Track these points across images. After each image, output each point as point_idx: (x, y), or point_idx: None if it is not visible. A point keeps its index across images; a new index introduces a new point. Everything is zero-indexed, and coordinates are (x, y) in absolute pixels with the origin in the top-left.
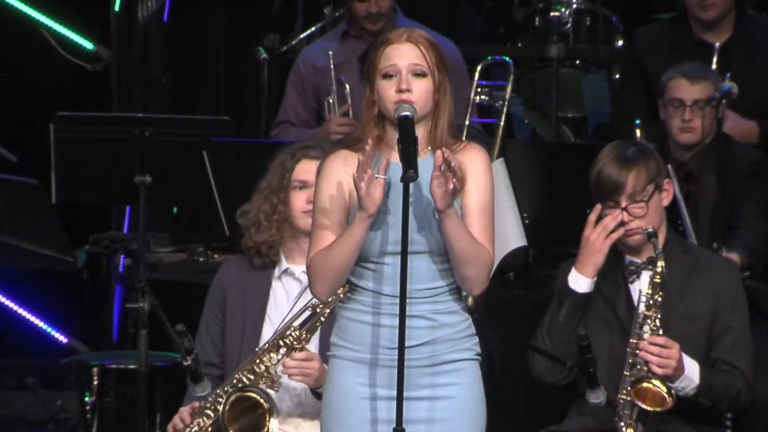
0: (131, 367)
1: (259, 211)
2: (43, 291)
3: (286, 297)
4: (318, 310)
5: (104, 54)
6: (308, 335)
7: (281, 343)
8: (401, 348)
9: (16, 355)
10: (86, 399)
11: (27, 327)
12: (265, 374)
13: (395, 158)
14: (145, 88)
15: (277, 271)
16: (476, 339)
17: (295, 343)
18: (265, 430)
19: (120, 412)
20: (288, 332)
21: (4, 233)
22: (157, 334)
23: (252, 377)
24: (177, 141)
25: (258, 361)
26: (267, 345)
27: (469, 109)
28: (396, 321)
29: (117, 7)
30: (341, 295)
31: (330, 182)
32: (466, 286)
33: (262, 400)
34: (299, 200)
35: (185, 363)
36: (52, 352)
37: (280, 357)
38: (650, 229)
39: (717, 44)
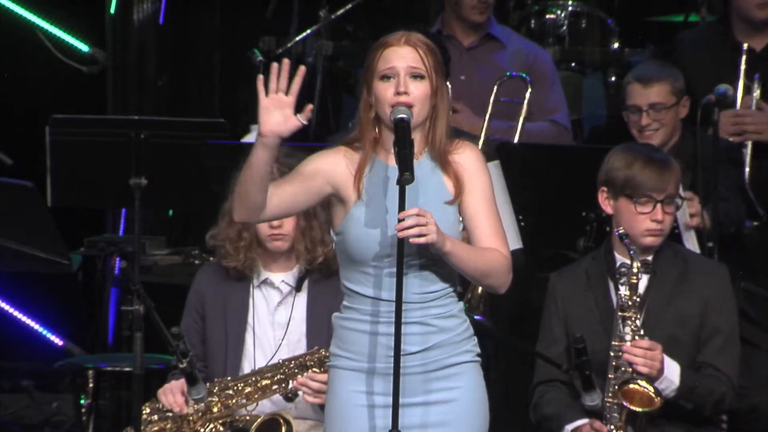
0: (126, 369)
1: (225, 237)
2: (38, 293)
3: (266, 306)
4: None
5: (100, 56)
6: None
7: (308, 363)
8: (397, 355)
9: (12, 358)
10: (81, 401)
11: (22, 329)
12: (283, 385)
13: (391, 161)
14: (141, 90)
15: (255, 281)
16: (475, 340)
17: (316, 368)
18: None
19: (115, 415)
20: (316, 354)
21: (0, 236)
22: (153, 337)
23: (268, 382)
24: (172, 143)
25: (282, 371)
26: (293, 361)
27: (485, 124)
28: (402, 328)
29: (112, 10)
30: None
31: (321, 158)
32: (491, 291)
33: (282, 424)
34: (262, 227)
35: (180, 366)
36: (47, 355)
37: (297, 371)
38: (622, 230)
39: (745, 47)
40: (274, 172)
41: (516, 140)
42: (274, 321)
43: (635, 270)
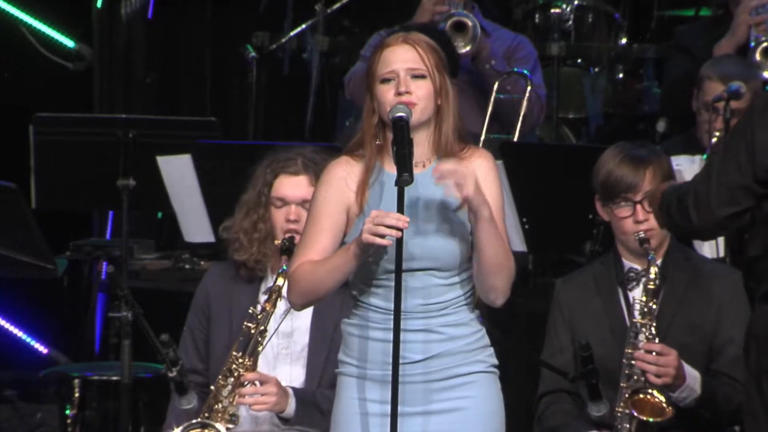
0: (114, 378)
1: (240, 228)
2: (22, 299)
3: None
4: (253, 331)
5: (86, 52)
6: (251, 359)
7: (228, 373)
8: (396, 363)
9: None
10: (67, 412)
11: (5, 337)
12: (221, 411)
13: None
14: (129, 88)
15: (263, 287)
16: (491, 350)
17: (240, 369)
18: None
19: (102, 426)
20: (230, 360)
21: None
22: (141, 345)
23: (211, 415)
24: (161, 143)
25: (214, 398)
26: (219, 380)
27: (486, 121)
28: (405, 336)
29: (99, 4)
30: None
31: (328, 190)
32: (490, 298)
33: None
34: (279, 218)
35: (170, 374)
36: (31, 364)
37: (230, 388)
38: (642, 234)
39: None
40: (298, 166)
41: (515, 138)
42: (279, 330)
43: (653, 275)
